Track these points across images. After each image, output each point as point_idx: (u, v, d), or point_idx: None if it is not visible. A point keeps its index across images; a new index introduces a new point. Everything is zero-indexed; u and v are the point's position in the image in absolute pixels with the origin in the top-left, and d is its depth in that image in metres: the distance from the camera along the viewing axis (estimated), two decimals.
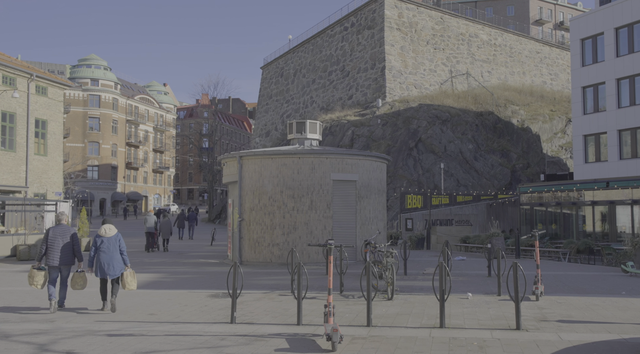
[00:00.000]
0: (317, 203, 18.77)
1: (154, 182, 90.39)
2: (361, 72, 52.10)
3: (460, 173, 41.71)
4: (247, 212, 19.23)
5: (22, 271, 17.71)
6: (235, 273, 9.26)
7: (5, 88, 31.49)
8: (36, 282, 10.45)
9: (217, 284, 14.30)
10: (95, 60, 79.24)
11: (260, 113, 72.31)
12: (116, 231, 10.62)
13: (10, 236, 21.63)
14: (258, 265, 18.83)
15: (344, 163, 19.18)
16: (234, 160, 19.90)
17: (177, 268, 18.32)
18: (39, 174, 34.05)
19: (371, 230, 19.81)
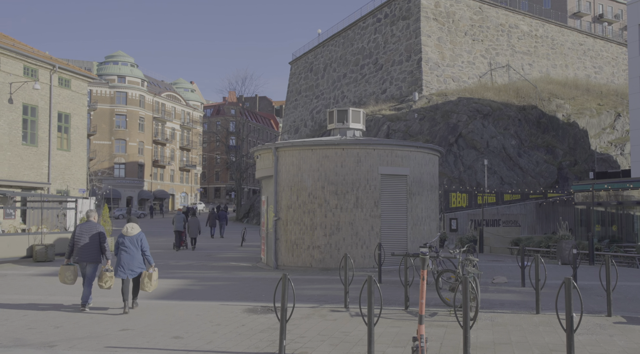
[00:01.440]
0: (363, 200, 16.59)
1: (180, 180, 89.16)
2: (395, 64, 49.73)
3: (504, 171, 39.09)
4: (283, 210, 17.15)
5: (36, 274, 15.90)
6: (285, 288, 7.11)
7: (27, 79, 29.98)
8: (66, 278, 10.52)
9: (253, 294, 12.23)
10: (122, 57, 78.23)
11: (289, 110, 70.36)
12: (139, 231, 10.37)
13: (27, 235, 19.91)
14: (296, 270, 16.73)
15: (394, 156, 16.96)
16: (269, 152, 17.83)
17: (205, 273, 16.32)
18: (61, 170, 32.50)
19: (423, 231, 17.56)
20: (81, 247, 10.42)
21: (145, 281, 10.20)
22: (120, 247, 10.19)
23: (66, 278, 10.53)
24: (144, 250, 10.26)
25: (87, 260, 10.42)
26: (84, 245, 10.42)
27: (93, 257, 10.46)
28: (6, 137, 28.88)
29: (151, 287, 10.26)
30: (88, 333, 8.40)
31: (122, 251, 10.15)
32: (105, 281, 10.26)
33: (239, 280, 14.64)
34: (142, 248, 10.25)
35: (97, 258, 10.53)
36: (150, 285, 10.23)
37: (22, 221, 29.04)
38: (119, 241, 10.26)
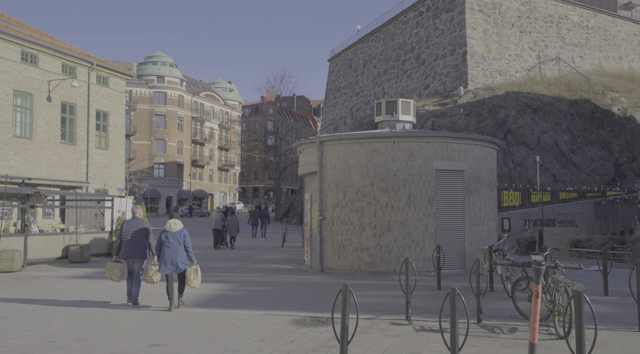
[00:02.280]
0: (417, 198, 15.21)
1: (219, 180, 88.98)
2: (439, 59, 47.97)
3: (557, 168, 36.98)
4: (329, 209, 15.90)
5: (69, 277, 15.05)
6: (346, 301, 5.83)
7: (65, 77, 29.56)
8: (113, 274, 10.55)
9: (299, 301, 11.01)
10: (161, 57, 78.38)
11: (328, 108, 69.17)
12: (182, 227, 10.30)
13: (62, 235, 19.18)
14: (344, 273, 15.46)
15: (449, 149, 15.52)
16: (313, 146, 16.60)
17: (246, 276, 15.21)
18: (100, 169, 32.03)
19: (482, 232, 16.06)
20: (127, 243, 10.53)
21: (191, 277, 10.16)
22: (163, 243, 10.12)
23: (113, 275, 10.59)
24: (186, 246, 10.19)
25: (133, 255, 10.54)
26: (130, 241, 10.53)
27: (139, 253, 10.57)
28: (45, 135, 28.48)
29: (197, 282, 10.23)
30: (114, 349, 7.31)
31: (165, 247, 10.08)
32: (151, 275, 10.28)
33: (282, 285, 13.46)
34: (185, 244, 10.18)
35: (143, 253, 10.63)
36: (196, 280, 10.20)
37: (61, 220, 28.61)
38: (161, 237, 10.18)
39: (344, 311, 5.81)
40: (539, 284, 5.47)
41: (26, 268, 17.11)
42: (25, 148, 27.19)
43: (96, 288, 12.95)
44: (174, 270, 10.02)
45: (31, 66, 27.68)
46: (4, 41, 26.14)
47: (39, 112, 28.09)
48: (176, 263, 10.04)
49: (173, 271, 10.02)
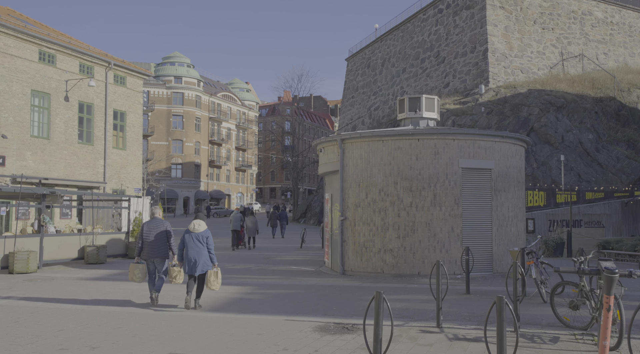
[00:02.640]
0: (442, 197, 14.61)
1: (236, 181, 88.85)
2: (459, 57, 47.16)
3: (582, 167, 36.02)
4: (350, 209, 15.36)
5: (85, 278, 14.69)
6: (379, 312, 5.30)
7: (82, 76, 29.38)
8: (135, 276, 10.53)
9: (321, 306, 10.49)
10: (179, 58, 78.43)
11: (346, 107, 68.59)
12: (205, 228, 10.26)
13: (78, 236, 18.87)
14: (366, 276, 14.91)
15: (476, 147, 14.89)
16: (334, 144, 16.07)
17: (265, 279, 14.73)
18: (117, 169, 31.82)
19: (510, 233, 15.40)
20: (149, 244, 10.53)
21: (211, 279, 10.06)
22: (186, 244, 10.10)
23: (135, 276, 10.57)
24: (209, 248, 10.14)
25: (154, 256, 10.53)
26: (151, 241, 10.52)
27: (160, 253, 10.55)
28: (62, 135, 28.31)
29: (217, 285, 10.15)
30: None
31: (189, 248, 10.06)
32: (174, 277, 10.30)
33: (303, 288, 12.95)
34: (208, 245, 10.13)
35: (164, 253, 10.61)
36: (216, 282, 10.12)
37: (78, 221, 28.41)
38: (184, 237, 10.14)
39: (377, 321, 5.28)
40: (611, 295, 4.88)
41: (42, 269, 16.81)
42: (42, 148, 27.03)
43: (110, 290, 12.56)
44: (196, 272, 10.01)
45: (49, 66, 27.52)
46: (21, 41, 26.00)
47: (57, 111, 27.93)
48: (198, 264, 9.99)
49: (195, 272, 10.01)
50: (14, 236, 16.09)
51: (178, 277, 10.29)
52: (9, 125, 25.47)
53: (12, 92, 25.62)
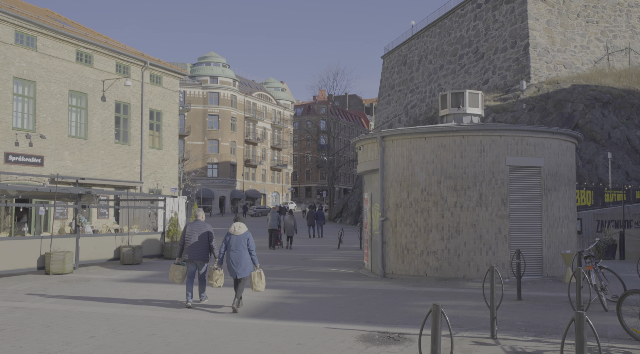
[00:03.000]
0: (488, 197, 13.86)
1: (272, 180, 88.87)
2: (499, 52, 45.89)
3: (630, 165, 34.51)
4: (391, 209, 14.72)
5: (120, 280, 14.44)
6: (438, 327, 4.70)
7: (119, 76, 29.44)
8: (175, 277, 10.59)
9: (364, 312, 9.91)
10: (215, 58, 78.78)
11: (382, 105, 67.75)
12: (246, 230, 10.26)
13: (114, 236, 18.72)
14: (408, 279, 14.26)
15: (524, 144, 14.09)
16: (374, 142, 15.46)
17: (303, 281, 14.22)
18: (153, 169, 31.82)
19: (561, 235, 14.54)
20: (190, 246, 10.56)
21: (255, 280, 10.09)
22: (227, 246, 10.10)
23: (175, 277, 10.62)
24: (250, 250, 10.12)
25: (196, 258, 10.56)
26: (193, 243, 10.56)
27: (202, 255, 10.59)
28: (99, 135, 28.40)
29: (262, 286, 10.15)
30: None
31: (230, 251, 10.07)
32: (215, 280, 10.28)
33: (343, 292, 12.39)
34: (249, 247, 10.12)
35: (205, 256, 10.65)
36: (261, 283, 10.13)
37: (115, 221, 28.48)
38: (226, 240, 10.18)
39: (434, 338, 4.68)
40: None
41: (78, 270, 16.68)
42: (80, 148, 27.14)
43: (145, 292, 12.23)
44: (239, 274, 10.01)
45: (86, 66, 27.64)
46: (59, 41, 26.13)
47: (94, 111, 28.02)
48: (240, 266, 10.00)
49: (238, 275, 10.01)
50: (50, 237, 15.97)
51: (219, 280, 10.28)
52: (47, 125, 25.62)
53: (50, 93, 25.77)
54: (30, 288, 13.02)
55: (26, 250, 15.52)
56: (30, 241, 15.86)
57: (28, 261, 15.56)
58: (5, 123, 23.76)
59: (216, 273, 10.26)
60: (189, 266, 10.64)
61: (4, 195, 19.42)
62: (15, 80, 24.29)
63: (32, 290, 12.62)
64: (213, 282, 10.27)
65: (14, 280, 14.35)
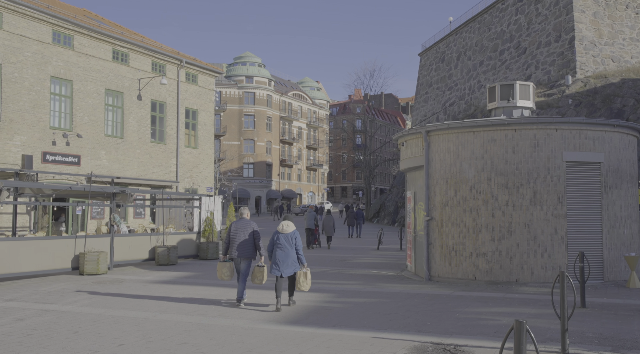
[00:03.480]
0: (543, 195, 12.87)
1: (307, 180, 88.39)
2: (542, 46, 44.27)
3: None
4: (437, 209, 13.86)
5: (154, 281, 13.96)
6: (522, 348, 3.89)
7: (155, 75, 29.23)
8: (223, 274, 10.67)
9: (413, 319, 9.12)
10: (250, 58, 78.72)
11: (419, 103, 66.50)
12: (294, 229, 10.31)
13: (149, 236, 18.32)
14: (456, 282, 13.38)
15: (582, 138, 13.05)
16: (418, 137, 14.62)
17: (344, 284, 13.49)
18: (189, 168, 31.56)
19: (623, 236, 13.44)
20: (236, 244, 10.51)
21: (301, 280, 10.10)
22: (275, 244, 10.15)
23: (223, 275, 10.69)
24: (297, 249, 10.15)
25: (241, 256, 10.49)
26: (239, 241, 10.49)
27: (248, 254, 10.52)
28: (135, 134, 28.23)
29: (307, 286, 10.18)
30: None
31: (277, 249, 10.11)
32: (257, 277, 10.30)
33: (387, 296, 11.60)
34: (296, 246, 10.14)
35: (251, 254, 10.59)
36: (306, 283, 10.15)
37: (152, 220, 28.26)
38: (274, 238, 10.24)
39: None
40: None
41: (112, 270, 16.30)
42: (116, 147, 26.99)
43: (179, 295, 11.68)
44: (285, 273, 9.98)
45: (122, 64, 27.49)
46: (96, 40, 26.01)
47: (130, 110, 27.86)
48: (287, 265, 10.00)
49: (284, 273, 9.98)
50: (84, 237, 15.62)
51: (262, 278, 10.28)
52: (84, 124, 25.51)
53: (87, 91, 25.67)
54: (63, 289, 12.63)
55: (60, 250, 15.20)
56: (65, 241, 15.55)
57: (62, 262, 15.25)
58: (42, 123, 23.72)
59: (260, 270, 10.29)
60: (235, 264, 10.64)
61: (40, 194, 19.24)
62: (52, 79, 24.25)
63: (65, 292, 12.22)
64: (255, 279, 10.32)
65: (48, 281, 14.02)
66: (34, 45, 23.44)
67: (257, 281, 10.33)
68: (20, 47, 22.82)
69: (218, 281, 13.75)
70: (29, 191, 18.41)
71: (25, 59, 23.02)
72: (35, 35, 23.47)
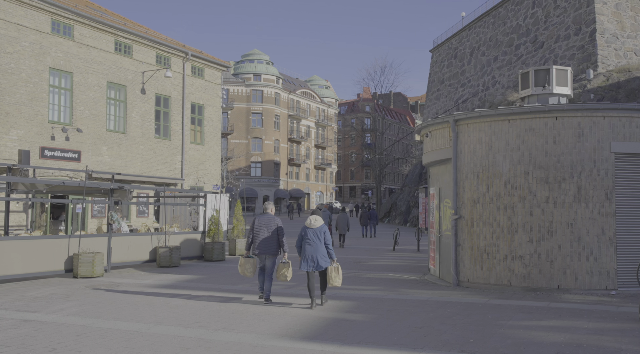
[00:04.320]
0: (589, 191, 11.45)
1: (315, 179, 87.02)
2: (560, 40, 42.70)
3: None
4: (467, 206, 12.47)
5: (154, 285, 12.64)
6: None
7: (159, 68, 27.97)
8: (246, 270, 10.55)
9: (450, 334, 7.74)
10: (258, 55, 77.45)
11: (430, 101, 65.00)
12: (322, 223, 10.08)
13: (150, 236, 17.01)
14: (488, 289, 11.97)
15: (634, 126, 11.62)
16: (444, 127, 13.22)
17: (363, 290, 12.12)
18: (195, 165, 30.30)
19: None
20: (260, 239, 10.33)
21: (332, 275, 9.95)
22: (303, 239, 9.95)
23: (246, 270, 10.59)
24: (327, 243, 9.94)
25: (265, 252, 10.32)
26: (263, 238, 10.32)
27: (272, 250, 10.34)
28: (139, 129, 26.98)
29: (339, 281, 10.00)
30: None
31: (306, 244, 9.90)
32: (282, 273, 10.20)
33: (415, 305, 10.23)
34: (325, 241, 9.94)
35: (275, 250, 10.40)
36: (338, 278, 9.98)
37: (156, 219, 26.98)
38: (302, 233, 10.03)
39: None
40: None
41: (109, 272, 15.01)
42: (118, 143, 25.76)
43: (179, 303, 10.36)
44: (314, 267, 9.81)
45: (125, 56, 26.25)
46: (97, 30, 24.78)
47: (133, 104, 26.62)
48: (316, 260, 9.81)
49: (314, 268, 9.80)
50: (79, 236, 14.32)
51: (287, 274, 10.16)
52: (85, 118, 24.29)
53: (88, 84, 24.45)
54: (51, 294, 11.34)
55: (53, 250, 13.92)
56: (57, 241, 14.26)
57: (55, 263, 13.96)
58: (41, 116, 22.51)
59: (285, 267, 10.15)
60: (259, 260, 10.47)
61: (34, 190, 17.99)
62: (51, 71, 23.03)
63: (53, 297, 10.93)
64: (279, 275, 10.18)
65: (37, 285, 12.74)
66: (32, 35, 22.22)
67: (282, 278, 10.18)
68: (17, 37, 21.61)
69: (223, 286, 12.45)
70: (22, 187, 17.16)
71: (22, 49, 21.81)
72: (34, 25, 22.25)
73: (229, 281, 13.39)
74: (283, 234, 10.33)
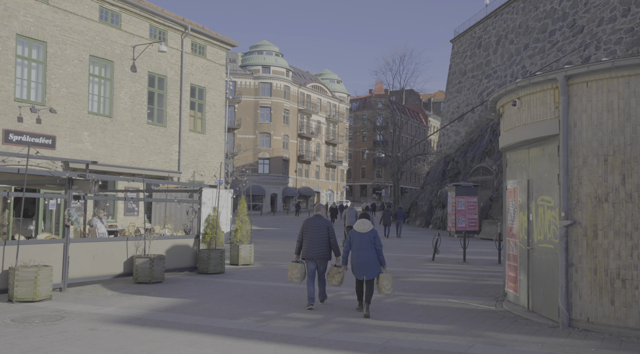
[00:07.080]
0: None
1: (326, 177, 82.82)
2: (604, 23, 38.37)
3: None
4: (586, 207, 8.28)
5: (115, 318, 8.54)
6: None
7: (153, 41, 23.93)
8: (294, 275, 9.96)
9: None
10: (267, 46, 73.37)
11: (451, 94, 60.71)
12: (372, 227, 9.42)
13: (124, 241, 12.88)
14: (626, 335, 7.78)
15: None
16: (544, 89, 9.00)
17: (428, 332, 8.01)
18: (194, 156, 26.24)
19: None
20: (310, 243, 9.80)
21: (384, 283, 9.21)
22: (352, 244, 9.35)
23: (293, 276, 9.93)
24: (377, 249, 9.27)
25: (315, 256, 9.79)
26: (312, 240, 9.80)
27: (322, 254, 9.81)
28: (128, 113, 22.96)
29: (391, 289, 9.24)
30: None
31: (355, 250, 9.31)
32: (334, 278, 9.78)
33: None
34: (376, 246, 9.28)
35: (327, 254, 9.86)
36: (389, 286, 9.22)
37: (148, 218, 22.92)
38: (350, 238, 9.46)
39: None
40: None
41: (64, 292, 10.93)
42: (103, 128, 21.76)
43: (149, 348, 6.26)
44: (366, 275, 9.14)
45: (112, 27, 22.23)
46: None
47: (121, 83, 22.60)
48: (367, 266, 9.15)
49: (366, 276, 9.15)
50: (17, 243, 10.22)
51: (337, 277, 9.71)
52: (61, 97, 20.28)
53: (66, 57, 20.44)
54: None
55: None
56: None
57: None
58: (5, 93, 18.51)
59: (337, 271, 9.76)
60: (308, 265, 9.94)
61: None
62: (19, 39, 19.03)
63: None
64: (331, 279, 9.81)
65: None
66: None
67: (334, 283, 9.80)
68: None
69: (218, 320, 8.36)
70: None
71: None
72: None
73: (228, 310, 9.33)
74: (334, 237, 9.83)
